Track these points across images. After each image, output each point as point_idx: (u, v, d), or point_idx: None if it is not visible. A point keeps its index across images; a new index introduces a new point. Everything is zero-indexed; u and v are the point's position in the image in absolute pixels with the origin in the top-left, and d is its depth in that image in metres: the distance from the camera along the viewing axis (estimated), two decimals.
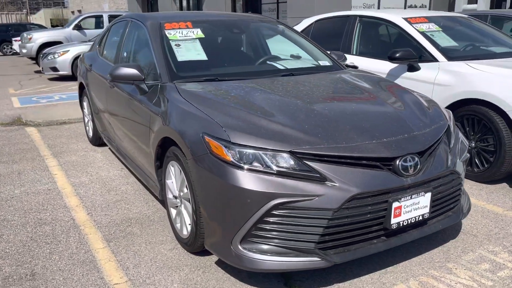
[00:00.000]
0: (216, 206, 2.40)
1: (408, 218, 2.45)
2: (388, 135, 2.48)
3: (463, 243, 2.94)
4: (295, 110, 2.63)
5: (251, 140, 2.35)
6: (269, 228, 2.28)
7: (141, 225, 3.26)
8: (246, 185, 2.26)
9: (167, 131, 2.83)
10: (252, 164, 2.31)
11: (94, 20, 15.15)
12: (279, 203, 2.23)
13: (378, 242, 2.44)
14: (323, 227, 2.26)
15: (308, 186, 2.25)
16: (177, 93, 2.94)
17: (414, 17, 4.86)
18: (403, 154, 2.41)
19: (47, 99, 8.82)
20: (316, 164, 2.30)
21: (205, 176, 2.43)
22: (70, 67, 11.67)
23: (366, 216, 2.33)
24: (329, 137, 2.39)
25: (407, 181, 2.39)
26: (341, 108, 2.72)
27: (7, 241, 3.05)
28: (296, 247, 2.30)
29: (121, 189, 3.94)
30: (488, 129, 3.83)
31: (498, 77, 3.79)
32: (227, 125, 2.45)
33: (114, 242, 3.02)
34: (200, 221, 2.57)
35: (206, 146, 2.44)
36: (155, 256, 2.84)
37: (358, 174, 2.31)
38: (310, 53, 4.00)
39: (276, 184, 2.25)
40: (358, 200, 2.29)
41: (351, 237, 2.36)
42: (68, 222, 3.33)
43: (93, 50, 5.32)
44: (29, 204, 3.64)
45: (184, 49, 3.46)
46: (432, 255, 2.80)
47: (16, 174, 4.37)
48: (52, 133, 6.01)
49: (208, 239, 2.54)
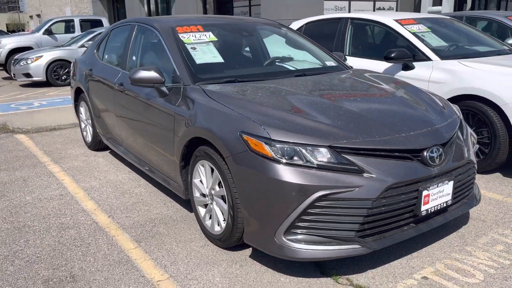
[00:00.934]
0: (258, 201, 2.51)
1: (435, 205, 2.64)
2: (414, 129, 2.67)
3: (475, 228, 3.17)
4: (324, 107, 2.78)
5: (290, 136, 2.48)
6: (311, 219, 2.42)
7: (166, 225, 3.32)
8: (289, 179, 2.39)
9: (197, 131, 2.91)
10: (293, 159, 2.43)
11: (64, 25, 14.86)
12: (322, 195, 2.37)
13: (409, 228, 2.62)
14: (363, 216, 2.42)
15: (348, 178, 2.40)
16: (204, 94, 3.03)
17: (404, 18, 5.12)
18: (430, 146, 2.60)
19: (27, 105, 8.62)
20: (353, 157, 2.46)
21: (245, 172, 2.53)
22: (44, 73, 11.43)
23: (400, 204, 2.50)
24: (362, 132, 2.55)
25: (434, 170, 2.58)
26: (366, 104, 2.89)
27: (34, 246, 3.05)
28: (337, 236, 2.44)
29: (135, 192, 3.97)
30: (482, 122, 4.10)
31: (491, 74, 4.07)
32: (265, 123, 2.57)
33: (144, 242, 3.07)
34: (238, 216, 2.67)
35: (245, 144, 2.55)
36: (189, 253, 2.92)
37: (392, 165, 2.49)
38: (315, 54, 4.16)
39: (318, 177, 2.39)
40: (393, 190, 2.46)
41: (386, 225, 2.53)
42: (91, 225, 3.35)
43: (88, 54, 5.29)
44: (46, 210, 3.63)
45: (201, 52, 3.54)
46: (450, 240, 3.01)
47: (22, 181, 4.31)
48: (45, 139, 5.92)
49: (248, 232, 2.64)
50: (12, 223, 3.40)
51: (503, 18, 7.00)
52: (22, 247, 3.04)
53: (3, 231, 3.28)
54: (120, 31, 4.68)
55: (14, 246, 3.04)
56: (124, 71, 4.16)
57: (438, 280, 2.56)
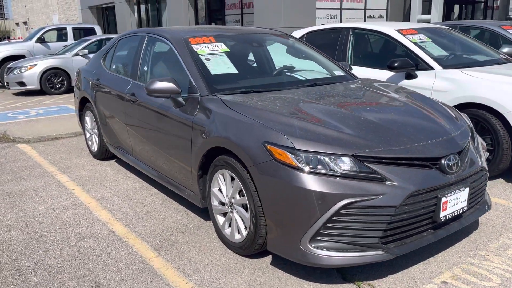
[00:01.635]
0: (282, 209, 2.57)
1: (452, 212, 2.73)
2: (432, 138, 2.76)
3: (486, 233, 3.27)
4: (343, 117, 2.86)
5: (314, 145, 2.55)
6: (336, 226, 2.49)
7: (183, 234, 3.36)
8: (315, 187, 2.45)
9: (217, 141, 2.97)
10: (317, 168, 2.50)
11: (56, 33, 14.79)
12: (347, 203, 2.44)
13: (428, 234, 2.71)
14: (386, 222, 2.49)
15: (371, 186, 2.48)
16: (223, 104, 3.09)
17: (405, 28, 5.25)
18: (447, 154, 2.70)
19: (24, 114, 8.57)
20: (375, 165, 2.54)
21: (269, 181, 2.60)
22: (39, 81, 11.38)
23: (420, 211, 2.59)
24: (382, 141, 2.64)
25: (451, 178, 2.68)
26: (382, 114, 2.98)
27: (55, 256, 3.06)
28: (361, 243, 2.51)
29: (147, 201, 4.00)
30: (486, 130, 4.23)
31: (493, 83, 4.20)
32: (288, 132, 2.64)
33: (164, 251, 3.11)
34: (260, 224, 2.72)
35: (268, 153, 2.61)
36: (210, 261, 2.96)
37: (412, 173, 2.57)
38: (322, 64, 4.25)
39: (343, 185, 2.46)
40: (414, 197, 2.54)
41: (407, 231, 2.61)
42: (108, 234, 3.37)
43: (93, 64, 5.31)
44: (61, 220, 3.64)
45: (215, 63, 3.61)
46: (463, 245, 3.10)
47: (32, 191, 4.31)
48: (48, 149, 5.91)
49: (272, 240, 2.69)
50: (29, 234, 3.40)
51: (496, 27, 7.20)
52: (43, 257, 3.05)
53: (21, 242, 3.28)
54: (128, 42, 4.73)
55: (35, 257, 3.06)
56: (135, 81, 4.20)
57: (457, 285, 2.64)
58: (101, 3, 25.80)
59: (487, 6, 19.32)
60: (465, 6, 19.09)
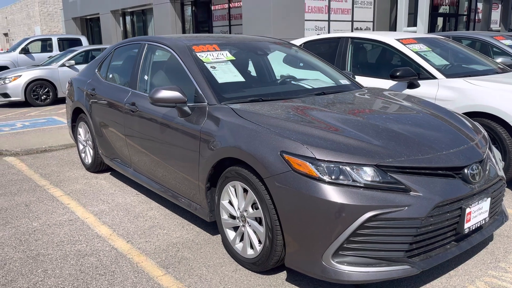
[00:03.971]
0: (302, 223, 2.44)
1: (475, 223, 2.64)
2: (453, 147, 2.67)
3: (503, 244, 3.19)
4: (361, 126, 2.75)
5: (335, 155, 2.44)
6: (361, 240, 2.36)
7: (190, 249, 3.19)
8: (337, 199, 2.33)
9: (229, 151, 2.83)
10: (339, 178, 2.39)
11: (40, 44, 14.53)
12: (373, 216, 2.32)
13: (452, 247, 2.60)
14: (412, 235, 2.38)
15: (396, 197, 2.37)
16: (234, 113, 2.96)
17: (405, 38, 5.23)
18: (470, 163, 2.61)
19: (9, 126, 8.28)
20: (399, 176, 2.43)
21: (288, 193, 2.47)
22: (23, 92, 11.07)
23: (445, 222, 2.49)
24: (405, 150, 2.53)
25: (475, 187, 2.59)
26: (400, 123, 2.88)
27: (54, 276, 2.86)
28: (387, 257, 2.39)
29: (148, 215, 3.83)
30: (492, 139, 4.18)
31: (498, 92, 4.17)
32: (306, 142, 2.52)
33: (171, 268, 2.94)
34: (277, 239, 2.59)
35: (287, 163, 2.48)
36: (222, 278, 2.80)
37: (437, 183, 2.47)
38: (326, 73, 4.17)
39: (367, 197, 2.35)
40: (440, 208, 2.44)
41: (432, 244, 2.50)
42: (110, 251, 3.18)
43: (87, 74, 5.13)
44: (58, 236, 3.44)
45: (221, 71, 3.49)
46: (482, 258, 3.01)
47: (24, 206, 4.09)
48: (38, 162, 5.67)
49: (290, 255, 2.55)
50: (25, 252, 3.20)
51: (489, 38, 7.26)
52: (42, 277, 2.85)
53: (16, 261, 3.07)
54: (125, 50, 4.58)
55: (33, 277, 2.85)
56: (134, 90, 4.05)
57: None
58: (85, 15, 25.54)
59: (470, 19, 19.74)
60: (448, 19, 19.45)
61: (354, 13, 16.08)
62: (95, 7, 23.82)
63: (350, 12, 15.95)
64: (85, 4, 25.01)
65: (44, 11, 38.82)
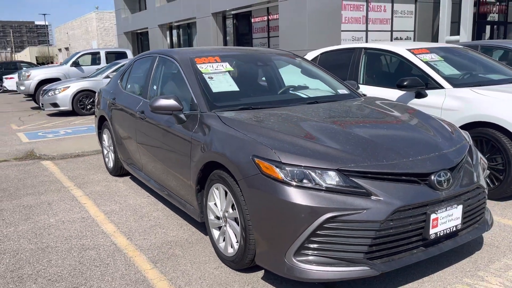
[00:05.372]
0: (268, 222, 2.60)
1: (444, 229, 2.68)
2: (422, 153, 2.74)
3: (488, 254, 3.17)
4: (333, 132, 2.88)
5: (300, 160, 2.58)
6: (321, 240, 2.49)
7: (182, 247, 3.42)
8: (299, 201, 2.48)
9: (212, 156, 3.04)
10: (302, 181, 2.53)
11: (90, 57, 15.48)
12: (331, 217, 2.44)
13: (418, 252, 2.66)
14: (371, 238, 2.48)
15: (356, 201, 2.48)
16: (220, 120, 3.18)
17: (416, 48, 5.24)
18: (437, 170, 2.66)
19: (53, 133, 8.97)
20: (361, 180, 2.54)
21: (257, 194, 2.64)
22: (71, 102, 11.89)
23: (408, 227, 2.56)
24: (370, 156, 2.64)
25: (442, 194, 2.64)
26: (374, 130, 2.98)
27: (56, 265, 3.18)
28: (346, 258, 2.50)
29: (153, 215, 4.10)
30: (496, 149, 4.13)
31: (503, 101, 4.12)
32: (275, 147, 2.68)
33: (160, 263, 3.18)
34: (250, 238, 2.75)
35: (256, 167, 2.66)
36: (203, 274, 3.00)
37: (399, 188, 2.55)
38: (327, 82, 4.30)
39: (327, 199, 2.47)
40: (401, 213, 2.52)
41: (395, 247, 2.58)
42: (110, 246, 3.47)
43: (112, 84, 5.55)
44: (68, 232, 3.78)
45: (217, 81, 3.72)
46: (462, 265, 3.01)
47: (47, 205, 4.50)
48: (69, 165, 6.15)
49: (260, 254, 2.72)
50: (36, 244, 3.55)
51: None
52: (45, 266, 3.17)
53: (27, 251, 3.43)
54: (142, 62, 4.93)
55: (38, 266, 3.19)
56: (145, 99, 4.37)
57: None
58: (136, 29, 26.84)
59: None
60: (497, 27, 18.73)
61: (394, 23, 15.91)
62: (144, 22, 25.00)
63: (390, 21, 15.80)
64: (136, 19, 26.31)
65: (101, 26, 41.09)
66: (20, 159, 6.68)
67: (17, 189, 5.09)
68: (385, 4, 15.55)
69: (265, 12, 17.12)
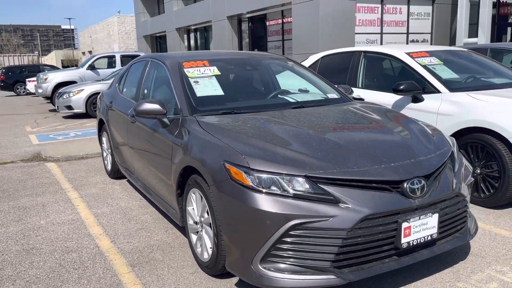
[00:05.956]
0: (237, 228, 2.58)
1: (417, 238, 2.60)
2: (395, 160, 2.67)
3: (472, 264, 3.07)
4: (308, 138, 2.84)
5: (268, 165, 2.55)
6: (287, 248, 2.45)
7: (163, 251, 3.42)
8: (264, 207, 2.45)
9: (189, 160, 3.04)
10: (270, 188, 2.50)
11: (106, 60, 15.73)
12: (296, 224, 2.40)
13: (390, 261, 2.59)
14: (338, 246, 2.42)
15: (323, 208, 2.43)
16: (198, 125, 3.17)
17: (415, 51, 5.13)
18: (410, 178, 2.59)
19: (63, 136, 9.14)
20: (330, 187, 2.49)
21: (226, 200, 2.62)
22: (84, 105, 12.10)
23: (377, 235, 2.49)
24: (340, 163, 2.59)
25: (415, 202, 2.56)
26: (351, 136, 2.93)
27: (37, 267, 3.22)
28: (312, 266, 2.45)
29: (141, 219, 4.13)
30: (491, 155, 4.00)
31: (498, 106, 4.00)
32: (246, 152, 2.66)
33: (138, 267, 3.18)
34: (221, 244, 2.73)
35: (227, 172, 2.64)
36: (177, 279, 2.99)
37: (369, 196, 2.49)
38: (318, 86, 4.25)
39: (293, 206, 2.43)
40: (370, 221, 2.46)
41: (364, 256, 2.51)
42: (93, 249, 3.50)
43: (112, 88, 5.62)
44: (55, 234, 3.83)
45: (202, 85, 3.72)
46: (442, 276, 2.93)
47: (41, 206, 4.57)
48: (71, 167, 6.25)
49: (229, 260, 2.70)
50: (23, 245, 3.61)
51: None
52: (26, 268, 3.22)
53: (12, 252, 3.49)
54: (137, 67, 4.97)
55: (19, 267, 3.24)
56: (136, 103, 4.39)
57: None
58: (154, 32, 27.17)
59: None
60: None
61: (410, 25, 15.66)
62: (163, 25, 25.30)
63: (405, 24, 15.56)
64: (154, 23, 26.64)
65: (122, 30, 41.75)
66: (26, 160, 6.83)
67: (17, 190, 5.19)
68: (400, 6, 15.33)
69: (279, 15, 17.10)
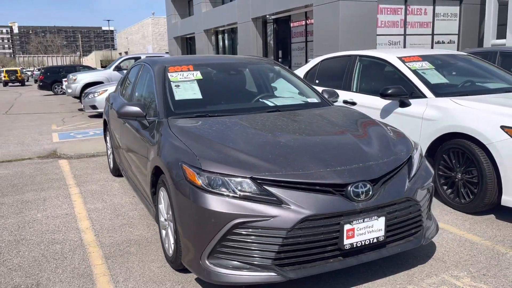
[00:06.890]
0: (189, 226, 2.75)
1: (362, 240, 2.69)
2: (342, 164, 2.77)
3: (430, 268, 3.11)
4: (264, 141, 2.97)
5: (218, 167, 2.71)
6: (231, 245, 2.60)
7: (139, 246, 3.63)
8: (211, 206, 2.60)
9: (157, 161, 3.23)
10: (219, 188, 2.65)
11: (132, 62, 16.26)
12: (239, 223, 2.55)
13: (334, 261, 2.68)
14: (278, 245, 2.55)
15: (265, 208, 2.56)
16: (168, 128, 3.36)
17: (407, 56, 5.14)
18: (355, 181, 2.68)
19: (83, 134, 9.58)
20: (274, 189, 2.62)
21: (181, 199, 2.79)
22: None
23: (319, 236, 2.60)
24: (288, 165, 2.71)
25: (358, 205, 2.65)
26: (306, 140, 3.04)
27: (22, 256, 3.50)
28: (254, 263, 2.59)
29: (128, 215, 4.36)
30: (471, 161, 3.99)
31: (479, 112, 3.98)
32: (201, 154, 2.82)
33: (111, 259, 3.40)
34: (179, 240, 2.91)
35: (183, 173, 2.81)
36: (144, 272, 3.19)
37: (312, 198, 2.60)
38: (301, 91, 4.36)
39: (237, 206, 2.58)
40: (311, 221, 2.57)
41: (306, 255, 2.62)
42: (76, 242, 3.76)
43: (116, 90, 5.92)
44: (47, 226, 4.12)
45: (183, 89, 3.91)
46: (396, 278, 2.99)
47: (42, 201, 4.90)
48: (80, 165, 6.60)
49: (184, 255, 2.87)
50: (15, 236, 3.91)
51: None
52: (12, 256, 3.51)
53: (4, 242, 3.79)
54: (135, 70, 5.22)
55: (7, 256, 3.52)
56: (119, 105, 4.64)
57: None
58: (184, 34, 27.73)
59: None
60: None
61: (436, 26, 15.35)
62: (191, 27, 25.79)
63: (431, 25, 15.27)
64: (184, 24, 27.20)
65: (156, 31, 42.74)
66: (42, 157, 7.24)
67: (25, 185, 5.56)
68: (425, 7, 15.05)
69: (303, 16, 17.14)
